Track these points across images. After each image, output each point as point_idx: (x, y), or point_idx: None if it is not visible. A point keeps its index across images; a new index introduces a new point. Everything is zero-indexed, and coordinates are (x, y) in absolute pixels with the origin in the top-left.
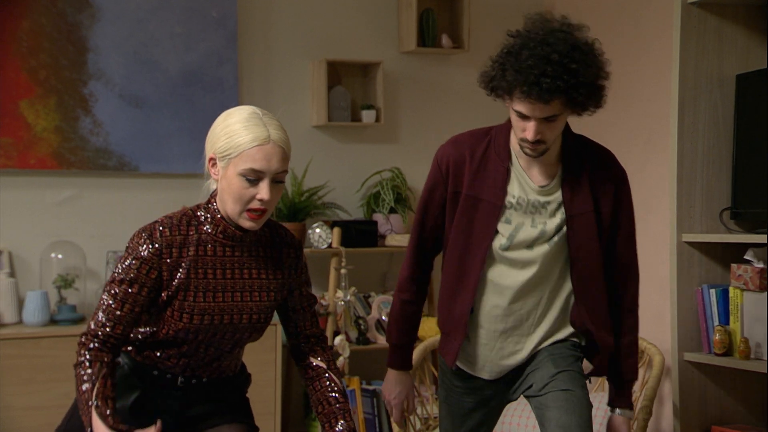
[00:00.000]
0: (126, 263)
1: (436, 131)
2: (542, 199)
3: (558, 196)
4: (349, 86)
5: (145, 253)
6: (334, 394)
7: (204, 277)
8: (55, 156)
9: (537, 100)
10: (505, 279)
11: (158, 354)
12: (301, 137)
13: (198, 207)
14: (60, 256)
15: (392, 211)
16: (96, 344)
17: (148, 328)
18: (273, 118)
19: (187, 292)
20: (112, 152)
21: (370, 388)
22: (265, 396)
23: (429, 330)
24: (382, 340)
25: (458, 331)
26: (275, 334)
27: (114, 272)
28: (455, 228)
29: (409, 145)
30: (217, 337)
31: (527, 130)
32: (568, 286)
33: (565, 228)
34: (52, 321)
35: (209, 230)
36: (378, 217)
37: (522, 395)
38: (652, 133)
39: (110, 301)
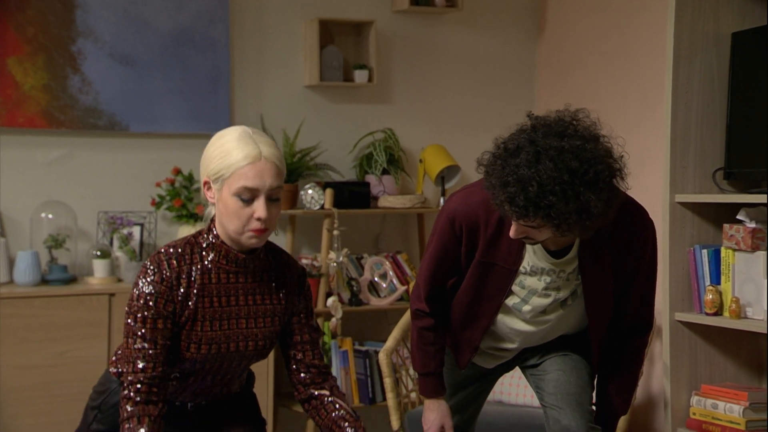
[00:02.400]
0: (141, 301)
1: (429, 91)
2: (557, 268)
3: (575, 264)
4: (342, 45)
5: (159, 287)
6: (341, 413)
7: (210, 306)
8: (44, 115)
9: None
10: (518, 326)
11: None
12: (293, 97)
13: (199, 234)
14: (50, 216)
15: (385, 172)
16: (142, 394)
17: None
18: (264, 136)
19: (194, 322)
20: (102, 112)
21: (363, 349)
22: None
23: None
24: (374, 301)
25: (467, 351)
26: None
27: (131, 314)
28: (467, 281)
29: (401, 105)
30: (224, 366)
31: (511, 229)
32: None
33: (579, 290)
34: (44, 281)
35: (212, 257)
36: (370, 178)
37: (518, 367)
38: (647, 92)
39: (143, 344)
